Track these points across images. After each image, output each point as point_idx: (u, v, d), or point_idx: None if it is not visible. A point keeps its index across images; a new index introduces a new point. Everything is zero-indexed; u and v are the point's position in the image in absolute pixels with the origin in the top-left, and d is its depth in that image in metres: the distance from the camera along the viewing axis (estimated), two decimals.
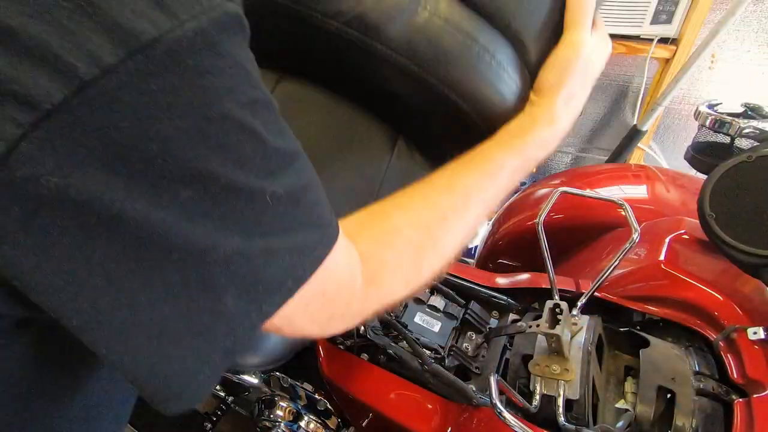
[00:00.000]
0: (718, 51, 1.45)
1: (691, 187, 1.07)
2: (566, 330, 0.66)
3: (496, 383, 0.60)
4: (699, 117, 1.04)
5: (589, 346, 0.68)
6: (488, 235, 1.26)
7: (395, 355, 0.83)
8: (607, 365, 0.74)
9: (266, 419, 0.96)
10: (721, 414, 0.62)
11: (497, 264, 1.19)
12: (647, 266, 0.79)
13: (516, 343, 0.75)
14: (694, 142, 1.12)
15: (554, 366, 0.66)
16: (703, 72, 1.50)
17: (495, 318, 0.90)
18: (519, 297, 0.92)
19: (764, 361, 0.61)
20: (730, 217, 0.67)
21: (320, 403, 0.95)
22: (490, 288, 0.94)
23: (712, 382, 0.64)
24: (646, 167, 1.21)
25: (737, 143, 0.99)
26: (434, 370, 0.78)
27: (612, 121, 1.70)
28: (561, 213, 1.03)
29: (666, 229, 0.86)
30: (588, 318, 0.72)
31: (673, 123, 1.63)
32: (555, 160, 1.88)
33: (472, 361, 0.84)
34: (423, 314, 0.91)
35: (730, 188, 0.68)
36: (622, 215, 0.75)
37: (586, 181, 1.13)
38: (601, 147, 1.76)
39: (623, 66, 1.57)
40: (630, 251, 0.71)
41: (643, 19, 1.40)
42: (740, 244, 0.65)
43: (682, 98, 1.57)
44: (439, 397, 0.76)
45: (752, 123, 0.95)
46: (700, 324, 0.71)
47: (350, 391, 0.80)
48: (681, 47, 1.43)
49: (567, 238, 1.02)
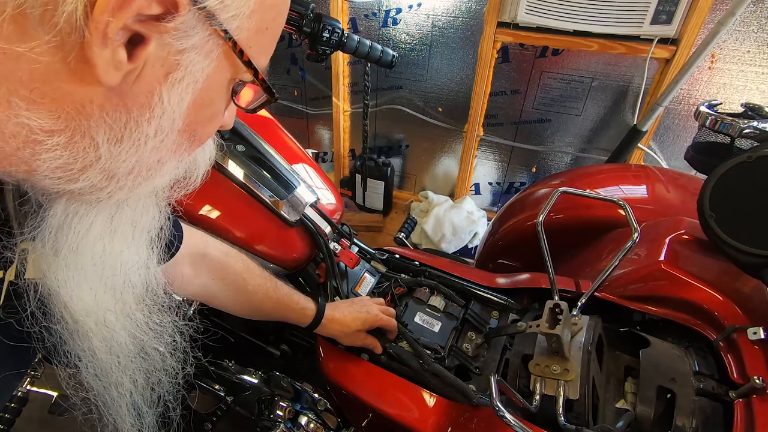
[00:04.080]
0: (718, 51, 1.45)
1: (691, 187, 1.07)
2: (566, 330, 0.66)
3: (496, 383, 0.60)
4: (699, 117, 1.04)
5: (589, 346, 0.68)
6: (488, 235, 1.26)
7: (395, 355, 0.83)
8: (607, 365, 0.74)
9: (266, 419, 0.96)
10: (721, 414, 0.62)
11: (497, 264, 1.19)
12: (647, 266, 0.79)
13: (516, 343, 0.75)
14: (694, 142, 1.12)
15: (554, 366, 0.66)
16: (703, 72, 1.50)
17: (495, 318, 0.90)
18: (519, 297, 0.92)
19: (764, 361, 0.61)
20: (730, 217, 0.67)
21: (320, 403, 0.95)
22: (490, 288, 0.94)
23: (712, 382, 0.64)
24: (646, 167, 1.21)
25: (737, 143, 0.99)
26: (434, 369, 0.78)
27: (612, 121, 1.70)
28: (561, 213, 1.03)
29: (666, 229, 0.86)
30: (588, 318, 0.72)
31: (673, 123, 1.63)
32: (555, 160, 1.88)
33: (473, 361, 0.84)
34: (423, 314, 0.91)
35: (730, 188, 0.68)
36: (622, 215, 0.75)
37: (586, 181, 1.13)
38: (601, 147, 1.76)
39: (623, 66, 1.57)
40: (630, 251, 0.71)
41: (643, 19, 1.40)
42: (740, 244, 0.65)
43: (682, 98, 1.57)
44: (439, 397, 0.76)
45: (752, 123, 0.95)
46: (700, 324, 0.71)
47: (350, 391, 0.80)
48: (681, 47, 1.43)
49: (567, 238, 1.02)
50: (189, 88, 0.33)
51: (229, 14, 0.31)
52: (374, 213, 2.18)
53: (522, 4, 1.49)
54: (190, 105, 0.34)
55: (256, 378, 0.99)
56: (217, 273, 0.72)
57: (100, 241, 0.40)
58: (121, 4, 0.26)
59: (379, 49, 1.12)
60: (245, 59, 0.34)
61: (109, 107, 0.31)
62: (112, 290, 0.43)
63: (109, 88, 0.30)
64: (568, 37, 1.52)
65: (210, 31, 0.31)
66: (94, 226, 0.39)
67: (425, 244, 1.98)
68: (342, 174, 2.28)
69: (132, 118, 0.32)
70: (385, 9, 1.79)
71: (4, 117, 0.29)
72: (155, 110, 0.32)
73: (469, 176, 2.04)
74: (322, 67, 2.00)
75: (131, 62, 0.29)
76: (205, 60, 0.32)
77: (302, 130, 2.30)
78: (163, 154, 0.36)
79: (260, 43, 0.35)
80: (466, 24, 1.71)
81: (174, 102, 0.33)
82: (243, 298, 0.76)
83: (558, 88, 1.70)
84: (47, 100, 0.29)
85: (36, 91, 0.29)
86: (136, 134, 0.33)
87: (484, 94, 1.78)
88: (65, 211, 0.37)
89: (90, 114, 0.31)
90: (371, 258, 1.05)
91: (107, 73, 0.28)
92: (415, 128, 2.05)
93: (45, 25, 0.26)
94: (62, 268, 0.39)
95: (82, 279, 0.41)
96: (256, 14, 0.33)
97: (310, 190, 0.98)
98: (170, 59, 0.31)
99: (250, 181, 0.88)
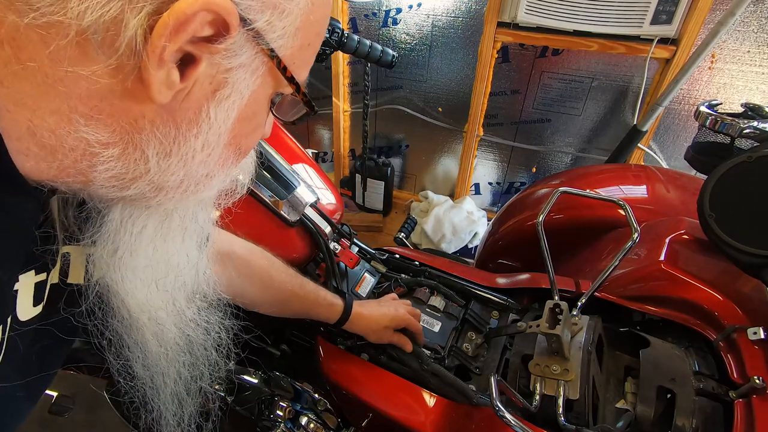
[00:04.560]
0: (718, 51, 1.45)
1: (691, 187, 1.07)
2: (566, 330, 0.66)
3: (496, 383, 0.60)
4: (699, 117, 1.04)
5: (589, 346, 0.68)
6: (488, 235, 1.26)
7: (395, 355, 0.83)
8: (607, 365, 0.74)
9: (266, 419, 0.96)
10: (721, 414, 0.62)
11: (497, 264, 1.19)
12: (647, 266, 0.79)
13: (516, 343, 0.75)
14: (694, 142, 1.12)
15: (554, 366, 0.66)
16: (703, 72, 1.50)
17: (495, 318, 0.90)
18: (519, 297, 0.92)
19: (764, 361, 0.61)
20: (730, 217, 0.67)
21: (320, 403, 0.95)
22: (490, 288, 0.94)
23: (712, 382, 0.64)
24: (646, 167, 1.21)
25: (737, 143, 0.99)
26: (434, 369, 0.78)
27: (612, 121, 1.70)
28: (561, 213, 1.03)
29: (666, 229, 0.86)
30: (588, 318, 0.72)
31: (673, 123, 1.63)
32: (555, 160, 1.88)
33: (473, 361, 0.84)
34: (423, 314, 0.91)
35: (730, 188, 0.68)
36: (622, 215, 0.75)
37: (586, 181, 1.13)
38: (601, 147, 1.76)
39: (623, 66, 1.57)
40: (630, 251, 0.71)
41: (643, 19, 1.40)
42: (740, 244, 0.65)
43: (682, 98, 1.57)
44: (439, 397, 0.76)
45: (752, 123, 0.95)
46: (700, 324, 0.71)
47: (350, 391, 0.80)
48: (681, 47, 1.43)
49: (567, 238, 1.02)
50: (235, 104, 0.34)
51: (275, 34, 0.33)
52: (374, 213, 2.18)
53: (522, 4, 1.49)
54: (235, 120, 0.36)
55: (256, 378, 0.99)
56: (243, 270, 0.74)
57: (152, 243, 0.42)
58: (177, 29, 0.28)
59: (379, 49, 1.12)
60: (288, 75, 0.35)
61: (160, 122, 0.33)
62: (164, 289, 0.46)
63: (160, 105, 0.31)
64: (568, 37, 1.52)
65: (257, 49, 0.33)
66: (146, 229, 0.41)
67: (425, 244, 1.98)
68: (342, 174, 2.28)
69: (180, 133, 0.34)
70: (385, 9, 1.79)
71: (65, 132, 0.31)
72: (203, 125, 0.34)
73: (469, 176, 2.04)
74: (322, 67, 2.00)
75: (183, 82, 0.31)
76: (251, 77, 0.34)
77: (302, 130, 2.30)
78: (211, 168, 0.38)
79: (302, 59, 0.37)
80: (466, 24, 1.71)
81: (221, 118, 0.34)
82: (271, 294, 0.77)
83: (558, 88, 1.70)
84: (104, 116, 0.31)
85: (94, 108, 0.30)
86: (184, 148, 0.35)
87: (484, 94, 1.78)
88: (121, 215, 0.40)
89: (142, 128, 0.32)
90: (371, 258, 1.05)
91: (160, 92, 0.30)
92: (415, 128, 2.05)
93: (106, 49, 0.28)
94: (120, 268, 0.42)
95: (137, 278, 0.44)
96: (300, 32, 0.34)
97: (310, 190, 0.98)
98: (219, 77, 0.32)
99: (250, 181, 0.88)
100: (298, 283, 0.79)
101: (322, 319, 0.82)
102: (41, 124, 0.30)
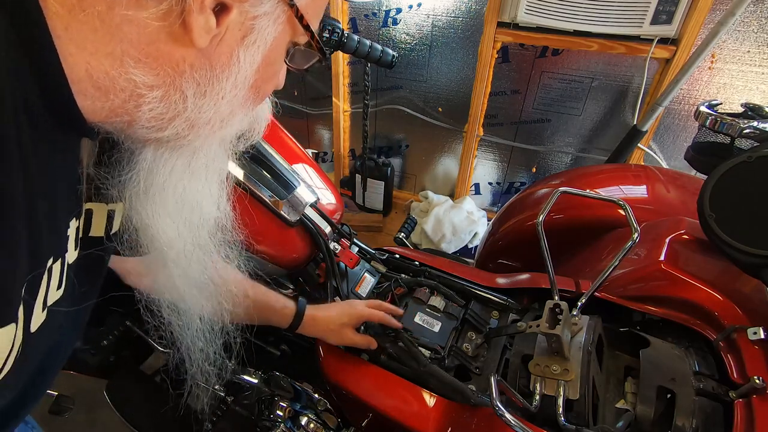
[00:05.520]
0: (718, 51, 1.45)
1: (691, 187, 1.07)
2: (566, 330, 0.66)
3: (496, 383, 0.60)
4: (699, 117, 1.04)
5: (589, 346, 0.68)
6: (488, 235, 1.26)
7: (395, 355, 0.83)
8: (607, 365, 0.74)
9: (266, 419, 0.96)
10: (721, 414, 0.62)
11: (497, 264, 1.19)
12: (647, 266, 0.79)
13: (516, 343, 0.75)
14: (694, 142, 1.12)
15: (554, 366, 0.66)
16: (703, 72, 1.50)
17: (495, 318, 0.90)
18: (519, 297, 0.92)
19: (764, 361, 0.61)
20: (730, 217, 0.67)
21: (320, 403, 0.95)
22: (490, 288, 0.94)
23: (712, 382, 0.64)
24: (646, 167, 1.21)
25: (737, 143, 0.99)
26: (431, 370, 0.78)
27: (612, 121, 1.70)
28: (561, 213, 1.03)
29: (666, 229, 0.86)
30: (588, 318, 0.72)
31: (673, 123, 1.63)
32: (555, 160, 1.88)
33: (473, 361, 0.84)
34: (423, 314, 0.90)
35: (730, 188, 0.68)
36: (622, 215, 0.75)
37: (586, 181, 1.13)
38: (601, 147, 1.76)
39: (623, 66, 1.57)
40: (630, 251, 0.71)
41: (643, 19, 1.40)
42: (740, 244, 0.65)
43: (682, 98, 1.57)
44: (439, 397, 0.76)
45: (752, 123, 0.95)
46: (700, 324, 0.71)
47: (350, 391, 0.80)
48: (681, 47, 1.43)
49: (567, 238, 1.02)
50: (260, 49, 0.38)
51: None
52: (374, 213, 2.18)
53: (522, 4, 1.49)
54: (259, 64, 0.40)
55: (256, 378, 0.99)
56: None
57: (181, 182, 0.46)
58: None
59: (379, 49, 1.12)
60: (304, 23, 0.39)
61: (198, 66, 0.37)
62: (190, 225, 0.50)
63: (199, 49, 0.35)
64: (568, 37, 1.52)
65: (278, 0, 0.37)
66: (175, 169, 0.45)
67: (425, 244, 1.98)
68: (342, 174, 2.28)
69: (215, 75, 0.38)
70: (385, 9, 1.79)
71: (117, 74, 0.34)
72: (233, 68, 0.38)
73: (469, 176, 2.04)
74: (322, 67, 2.00)
75: (218, 27, 0.35)
76: (273, 25, 0.38)
77: (302, 130, 2.30)
78: (235, 106, 0.42)
79: (314, 9, 0.41)
80: (466, 24, 1.71)
81: (248, 62, 0.38)
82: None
83: (558, 88, 1.71)
84: (150, 59, 0.35)
85: (143, 52, 0.34)
86: (216, 89, 0.39)
87: (484, 94, 1.78)
88: (153, 155, 0.44)
89: (183, 71, 0.36)
90: (371, 258, 1.05)
91: (200, 36, 0.34)
92: (415, 128, 2.05)
93: None
94: (151, 205, 0.46)
95: (167, 214, 0.47)
96: None
97: (310, 190, 0.98)
98: (247, 24, 0.36)
99: (250, 181, 0.88)
100: (249, 284, 0.77)
101: (274, 324, 0.81)
102: (98, 66, 0.33)
